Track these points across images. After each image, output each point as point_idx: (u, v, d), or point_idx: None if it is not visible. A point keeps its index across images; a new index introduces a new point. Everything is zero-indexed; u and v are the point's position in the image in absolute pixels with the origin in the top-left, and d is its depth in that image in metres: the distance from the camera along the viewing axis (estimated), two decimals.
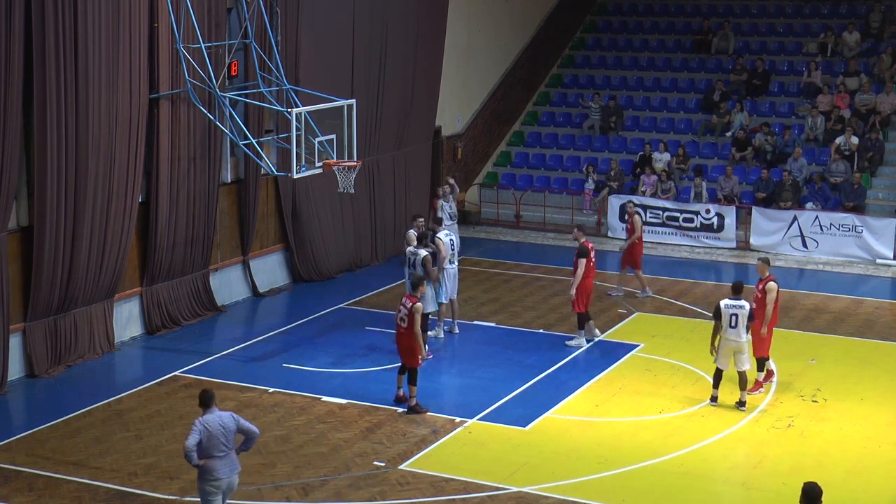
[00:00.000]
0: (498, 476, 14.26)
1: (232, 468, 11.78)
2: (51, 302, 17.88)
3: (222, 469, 11.67)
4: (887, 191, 26.99)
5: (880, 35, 30.90)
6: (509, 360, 18.75)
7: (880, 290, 23.49)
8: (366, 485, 14.02)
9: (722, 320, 16.35)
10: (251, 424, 11.97)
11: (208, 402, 11.76)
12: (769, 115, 29.72)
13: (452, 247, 19.63)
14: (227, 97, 19.89)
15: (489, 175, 30.50)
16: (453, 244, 19.70)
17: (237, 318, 21.30)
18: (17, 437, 15.41)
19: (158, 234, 19.73)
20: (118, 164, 18.53)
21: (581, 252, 19.10)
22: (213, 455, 11.61)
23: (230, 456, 11.76)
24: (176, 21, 19.15)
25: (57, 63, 17.17)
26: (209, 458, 11.62)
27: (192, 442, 11.51)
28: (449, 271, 19.54)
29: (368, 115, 24.04)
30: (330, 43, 23.00)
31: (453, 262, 19.68)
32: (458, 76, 28.69)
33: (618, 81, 32.37)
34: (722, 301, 16.46)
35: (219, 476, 11.66)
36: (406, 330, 16.04)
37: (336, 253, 23.80)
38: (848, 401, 16.98)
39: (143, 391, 17.31)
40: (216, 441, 11.59)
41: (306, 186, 22.55)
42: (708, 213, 26.53)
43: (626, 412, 16.47)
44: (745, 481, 14.26)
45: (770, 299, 17.01)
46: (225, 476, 11.71)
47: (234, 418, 11.81)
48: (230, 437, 11.71)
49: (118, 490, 13.85)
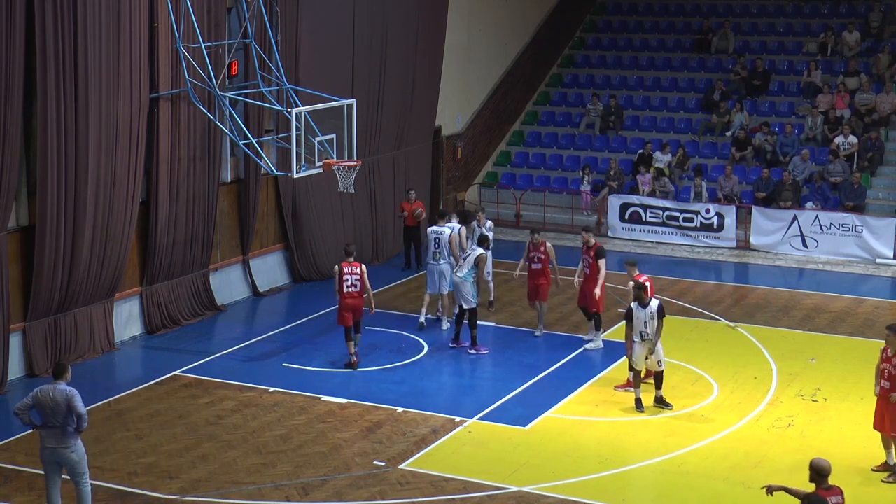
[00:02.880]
0: (498, 476, 14.27)
1: (58, 441, 12.36)
2: (51, 301, 17.88)
3: (47, 439, 12.39)
4: (887, 191, 26.99)
5: (880, 35, 30.90)
6: (509, 360, 18.76)
7: (880, 290, 23.49)
8: (366, 485, 14.03)
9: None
10: (82, 408, 12.29)
11: (57, 373, 12.48)
12: (769, 115, 29.72)
13: (437, 244, 20.08)
14: (227, 97, 19.89)
15: (489, 175, 30.50)
16: (438, 242, 20.10)
17: (237, 317, 21.31)
18: (17, 437, 15.40)
19: (158, 234, 19.73)
20: (118, 164, 18.53)
21: (599, 253, 19.14)
22: (44, 425, 12.39)
23: (60, 430, 12.32)
24: (176, 21, 19.16)
25: (57, 63, 17.17)
26: (40, 427, 12.47)
27: (20, 403, 12.51)
28: (432, 269, 20.11)
29: (368, 115, 24.04)
30: (330, 43, 23.00)
31: (437, 261, 20.05)
32: (458, 76, 28.69)
33: (618, 81, 32.37)
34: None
35: (43, 444, 12.44)
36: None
37: (336, 253, 23.72)
38: (848, 401, 16.98)
39: (143, 391, 17.31)
40: (44, 411, 12.32)
41: (306, 186, 22.56)
42: (708, 212, 26.53)
43: (626, 412, 16.48)
44: (744, 481, 14.25)
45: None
46: (49, 446, 12.38)
47: (66, 396, 12.26)
48: (58, 411, 12.25)
49: (118, 490, 13.85)
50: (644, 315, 16.35)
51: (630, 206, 27.37)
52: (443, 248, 20.07)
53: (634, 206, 27.33)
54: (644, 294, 16.49)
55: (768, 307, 21.92)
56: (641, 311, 16.38)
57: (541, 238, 19.97)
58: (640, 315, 16.37)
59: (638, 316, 16.38)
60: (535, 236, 20.03)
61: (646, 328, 16.34)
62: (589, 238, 19.42)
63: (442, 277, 20.05)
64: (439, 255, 20.08)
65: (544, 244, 19.81)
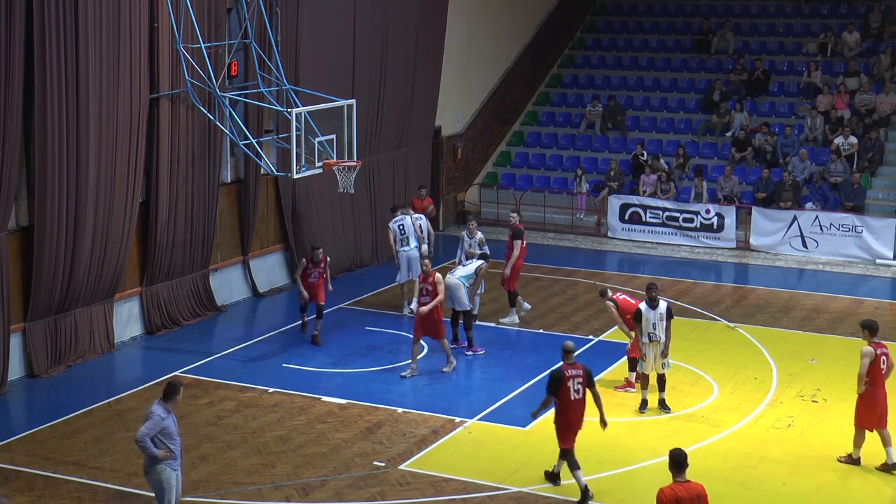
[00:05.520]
0: (498, 476, 14.27)
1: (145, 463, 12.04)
2: (51, 302, 17.88)
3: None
4: (887, 191, 26.98)
5: (880, 35, 30.90)
6: (509, 360, 18.76)
7: (880, 290, 23.50)
8: (366, 485, 14.03)
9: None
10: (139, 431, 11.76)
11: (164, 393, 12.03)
12: (769, 115, 29.72)
13: (402, 231, 20.92)
14: (227, 97, 19.90)
15: (489, 175, 30.49)
16: (403, 229, 20.94)
17: (237, 318, 21.31)
18: (17, 437, 15.42)
19: (158, 234, 19.73)
20: (118, 164, 18.53)
21: (517, 234, 20.45)
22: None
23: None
24: (176, 21, 19.16)
25: (58, 63, 17.17)
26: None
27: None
28: (403, 255, 20.90)
29: (368, 115, 24.04)
30: (330, 43, 23.00)
31: (409, 246, 20.89)
32: (458, 76, 28.69)
33: (618, 81, 32.37)
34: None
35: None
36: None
37: (336, 253, 23.79)
38: (848, 401, 16.93)
39: (143, 391, 17.31)
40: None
41: (306, 186, 22.56)
42: (708, 213, 26.53)
43: (625, 412, 16.47)
44: (744, 481, 14.26)
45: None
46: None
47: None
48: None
49: (118, 490, 13.86)
50: (653, 316, 16.31)
51: (630, 207, 27.37)
52: (408, 233, 20.96)
53: (634, 207, 27.33)
54: (655, 295, 16.44)
55: (768, 308, 21.92)
56: (651, 312, 16.34)
57: (431, 267, 18.44)
58: (650, 316, 16.32)
59: (647, 317, 16.32)
60: (424, 262, 18.69)
61: (654, 329, 16.32)
62: (513, 220, 20.93)
63: (413, 262, 20.81)
64: (407, 241, 20.95)
65: (434, 275, 18.08)
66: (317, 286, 19.66)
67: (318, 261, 19.70)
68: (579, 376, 13.77)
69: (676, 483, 10.56)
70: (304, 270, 19.73)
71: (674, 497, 10.39)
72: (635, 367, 17.25)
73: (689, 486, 10.53)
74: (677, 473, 10.60)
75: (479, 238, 20.73)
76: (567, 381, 13.70)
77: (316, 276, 19.67)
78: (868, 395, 14.54)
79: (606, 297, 17.53)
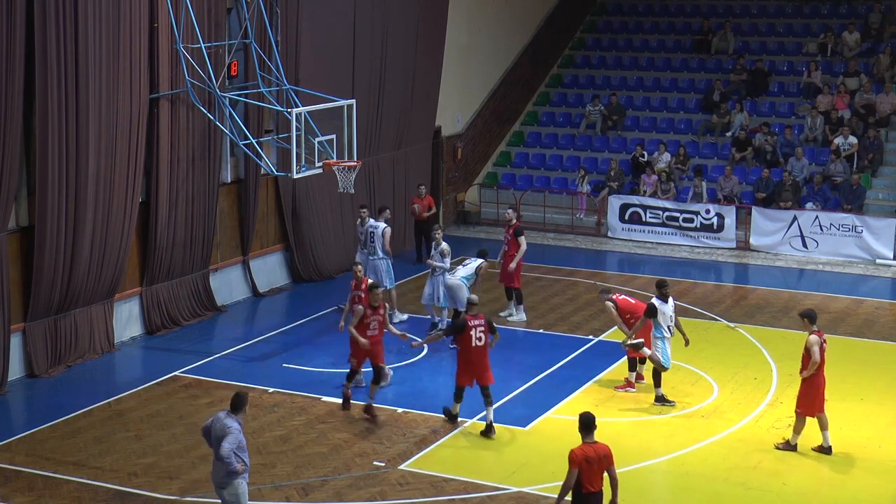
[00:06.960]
0: (498, 476, 14.27)
1: (216, 475, 11.69)
2: (51, 302, 17.88)
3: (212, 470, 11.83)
4: (887, 191, 26.98)
5: (880, 35, 30.90)
6: (509, 360, 18.74)
7: (880, 290, 23.49)
8: (366, 485, 14.03)
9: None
10: (225, 448, 11.36)
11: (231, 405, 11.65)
12: (769, 115, 29.72)
13: (372, 238, 20.24)
14: (227, 97, 19.89)
15: (489, 175, 30.49)
16: (373, 235, 20.26)
17: (237, 318, 21.30)
18: (17, 437, 15.41)
19: (158, 234, 19.73)
20: (118, 164, 18.53)
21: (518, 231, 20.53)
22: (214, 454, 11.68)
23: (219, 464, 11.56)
24: (176, 21, 19.16)
25: (58, 63, 17.17)
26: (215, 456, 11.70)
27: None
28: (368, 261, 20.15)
29: (368, 115, 24.04)
30: (330, 43, 23.00)
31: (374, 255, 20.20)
32: (458, 76, 28.69)
33: (618, 81, 32.37)
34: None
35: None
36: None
37: (336, 253, 23.79)
38: (848, 401, 16.99)
39: (143, 391, 17.30)
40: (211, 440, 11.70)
41: (306, 186, 22.56)
42: (708, 213, 26.53)
43: (626, 412, 16.47)
44: (744, 481, 14.25)
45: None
46: (212, 478, 11.85)
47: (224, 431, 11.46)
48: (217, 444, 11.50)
49: (118, 490, 13.85)
50: (668, 309, 16.36)
51: (630, 207, 27.37)
52: (377, 243, 20.25)
53: (634, 207, 27.32)
54: (667, 291, 16.46)
55: (768, 308, 21.92)
56: (665, 305, 16.37)
57: (364, 274, 17.80)
58: (665, 310, 16.36)
59: (664, 311, 16.35)
60: (375, 291, 16.18)
61: (672, 322, 16.36)
62: (511, 217, 20.82)
63: (378, 272, 20.06)
64: (374, 250, 20.28)
65: (383, 306, 16.24)
66: (376, 341, 16.01)
67: (376, 305, 15.93)
68: (481, 325, 15.53)
69: (586, 444, 11.36)
70: (361, 320, 15.88)
71: (583, 457, 11.21)
72: (635, 367, 17.28)
73: (596, 446, 11.36)
74: (586, 435, 11.40)
75: (443, 248, 19.50)
76: (470, 330, 15.44)
77: (375, 326, 15.97)
78: (811, 380, 14.98)
79: (606, 297, 17.54)
